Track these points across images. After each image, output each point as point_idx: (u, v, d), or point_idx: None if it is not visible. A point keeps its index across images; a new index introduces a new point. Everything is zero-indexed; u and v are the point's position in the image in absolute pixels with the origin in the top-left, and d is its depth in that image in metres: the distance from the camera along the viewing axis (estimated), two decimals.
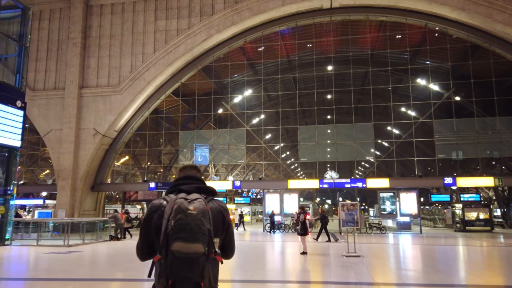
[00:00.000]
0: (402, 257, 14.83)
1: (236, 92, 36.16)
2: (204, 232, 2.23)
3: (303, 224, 14.40)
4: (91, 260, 13.79)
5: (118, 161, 38.95)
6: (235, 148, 33.58)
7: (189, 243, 2.18)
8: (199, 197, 2.36)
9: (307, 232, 14.46)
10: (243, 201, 41.56)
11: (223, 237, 2.46)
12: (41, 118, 30.13)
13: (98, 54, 30.28)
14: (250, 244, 19.41)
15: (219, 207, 2.47)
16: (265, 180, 30.50)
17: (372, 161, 33.46)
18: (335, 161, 29.02)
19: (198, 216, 2.24)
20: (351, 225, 13.98)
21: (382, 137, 30.69)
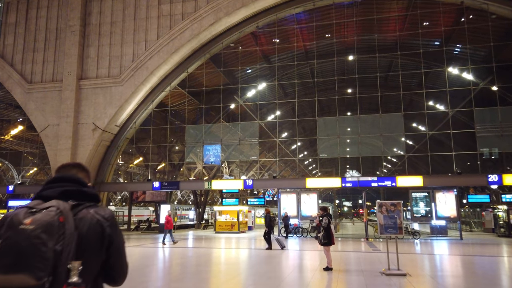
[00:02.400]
0: (463, 275, 10.81)
1: (248, 85, 32.58)
2: (44, 255, 1.48)
3: (326, 231, 10.63)
4: None
5: (128, 161, 35.82)
6: (247, 144, 29.95)
7: (8, 273, 1.45)
8: (52, 205, 1.59)
9: (332, 241, 10.67)
10: (256, 203, 37.78)
11: (102, 258, 1.70)
12: (38, 112, 27.16)
13: (98, 43, 27.16)
14: (259, 253, 15.69)
15: (97, 217, 1.68)
16: (280, 179, 26.72)
17: (400, 157, 29.34)
18: (359, 156, 25.00)
19: (35, 233, 1.50)
20: (393, 232, 10.12)
21: (412, 129, 26.48)
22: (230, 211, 28.79)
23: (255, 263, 12.75)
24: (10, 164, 47.50)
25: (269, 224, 16.13)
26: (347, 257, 13.80)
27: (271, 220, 16.54)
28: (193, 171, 41.18)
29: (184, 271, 11.39)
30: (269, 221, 16.25)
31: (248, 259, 14.05)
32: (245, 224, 29.62)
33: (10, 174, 49.30)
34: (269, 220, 16.29)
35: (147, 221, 39.39)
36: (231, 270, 11.59)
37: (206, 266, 12.10)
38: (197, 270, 11.07)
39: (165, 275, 10.90)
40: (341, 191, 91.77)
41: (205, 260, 13.55)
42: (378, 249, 16.28)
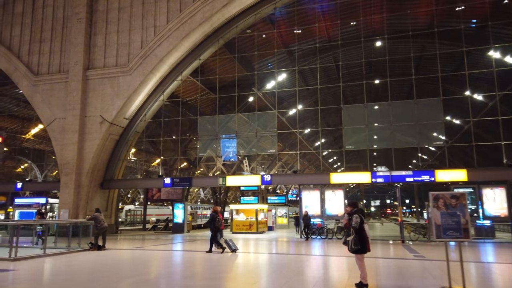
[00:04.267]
0: None
1: (266, 71, 29.70)
2: None
3: (358, 233, 7.63)
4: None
5: (142, 158, 33.63)
6: (266, 140, 27.14)
7: None
8: None
9: (367, 247, 7.67)
10: (277, 201, 34.75)
11: None
12: (45, 105, 25.20)
13: (105, 31, 24.96)
14: (275, 259, 12.76)
15: None
16: (301, 174, 23.65)
17: (437, 149, 25.76)
18: (392, 148, 21.61)
19: None
20: (455, 235, 7.02)
21: (452, 115, 22.83)
22: (248, 210, 25.96)
23: (269, 272, 9.88)
24: (33, 163, 46.45)
25: (214, 225, 13.78)
26: (384, 266, 10.69)
27: (213, 220, 13.93)
28: (212, 169, 38.71)
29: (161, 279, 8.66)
30: (212, 221, 13.94)
31: (263, 267, 11.17)
32: (264, 224, 26.72)
33: (33, 173, 48.38)
34: (212, 220, 13.95)
35: (165, 220, 37.07)
36: (237, 284, 8.75)
37: (192, 280, 9.32)
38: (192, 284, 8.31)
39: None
40: (366, 190, 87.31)
41: (199, 271, 10.76)
42: (421, 255, 13.06)
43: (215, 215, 14.03)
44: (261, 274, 9.92)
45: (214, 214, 14.10)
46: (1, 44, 26.32)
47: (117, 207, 27.77)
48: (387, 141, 23.02)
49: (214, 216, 14.01)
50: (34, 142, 41.87)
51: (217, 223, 13.78)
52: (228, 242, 13.71)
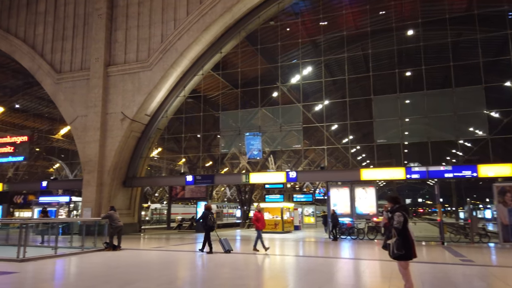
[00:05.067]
0: None
1: (290, 69, 28.24)
2: None
3: (401, 235, 6.18)
4: None
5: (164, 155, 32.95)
6: (292, 136, 25.67)
7: None
8: None
9: (412, 252, 6.21)
10: (304, 199, 33.20)
11: None
12: (67, 103, 24.79)
13: (125, 26, 24.26)
14: (302, 263, 11.38)
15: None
16: (329, 170, 22.05)
17: (476, 142, 23.55)
18: (428, 141, 19.69)
19: None
20: None
21: (491, 106, 20.59)
22: (273, 209, 24.62)
23: (296, 279, 8.55)
24: (62, 162, 46.88)
25: (205, 223, 12.93)
26: (429, 273, 9.11)
27: (206, 218, 12.97)
28: (237, 168, 37.61)
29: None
30: (204, 220, 13.02)
31: (288, 271, 9.84)
32: (290, 223, 25.31)
33: (64, 173, 48.93)
34: (204, 218, 13.01)
35: (191, 219, 36.28)
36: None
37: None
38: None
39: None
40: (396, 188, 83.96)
41: (214, 275, 9.53)
42: (469, 260, 11.35)
43: (207, 213, 13.07)
44: (286, 281, 8.59)
45: (207, 212, 13.13)
46: (25, 43, 26.15)
47: (140, 205, 27.10)
48: (421, 135, 21.13)
49: (206, 214, 13.03)
50: (64, 142, 42.14)
51: (209, 221, 12.87)
52: (222, 242, 12.85)
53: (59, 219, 19.00)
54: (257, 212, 14.03)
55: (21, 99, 36.77)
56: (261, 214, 13.99)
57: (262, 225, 13.71)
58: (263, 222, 13.83)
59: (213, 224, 13.04)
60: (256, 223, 13.66)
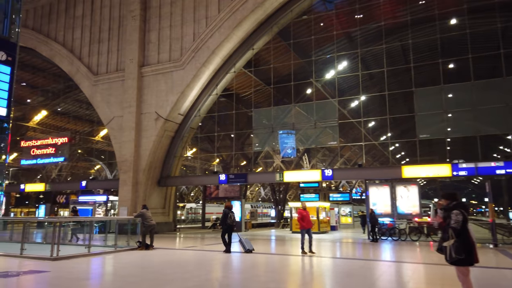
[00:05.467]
0: None
1: (324, 65, 27.20)
2: None
3: (460, 236, 5.28)
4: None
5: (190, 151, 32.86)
6: (323, 129, 24.51)
7: None
8: None
9: (474, 256, 5.30)
10: (340, 199, 31.99)
11: None
12: (104, 104, 25.16)
13: (158, 26, 24.28)
14: (340, 265, 10.54)
15: None
16: (367, 168, 20.84)
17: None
18: (476, 136, 18.16)
19: None
20: None
21: None
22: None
23: (333, 285, 7.79)
24: (102, 163, 48.11)
25: (224, 222, 12.59)
26: (488, 278, 8.04)
27: (225, 217, 12.55)
28: (271, 167, 36.97)
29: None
30: (224, 218, 12.60)
31: (325, 276, 9.09)
32: (326, 223, 24.34)
33: (104, 173, 50.28)
34: (224, 217, 12.58)
35: None
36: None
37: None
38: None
39: None
40: (435, 187, 79.99)
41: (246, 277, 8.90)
42: None
43: (228, 211, 12.59)
44: (324, 285, 7.85)
45: (227, 211, 12.65)
46: (64, 47, 26.83)
47: (175, 204, 27.06)
48: (466, 129, 19.54)
49: (227, 213, 12.56)
50: (103, 144, 43.23)
51: (228, 219, 12.45)
52: (242, 242, 12.41)
53: (88, 217, 19.13)
54: (301, 210, 12.71)
55: (63, 103, 38.06)
56: (306, 212, 12.53)
57: (308, 224, 12.34)
58: (309, 221, 12.41)
59: (232, 223, 12.63)
60: (301, 222, 12.31)
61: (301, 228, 12.32)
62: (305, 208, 12.88)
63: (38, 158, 28.09)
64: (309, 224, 12.40)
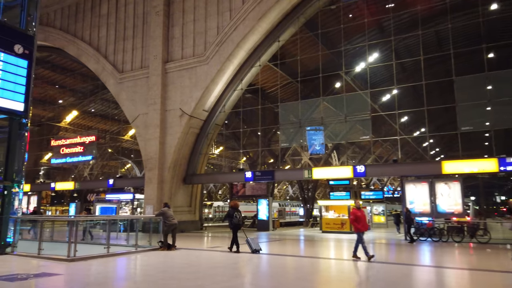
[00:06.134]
0: None
1: (353, 57, 25.65)
2: None
3: None
4: None
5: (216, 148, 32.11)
6: (353, 125, 23.04)
7: None
8: None
9: None
10: (373, 197, 30.38)
11: None
12: (129, 102, 24.80)
13: (182, 21, 23.63)
14: (377, 271, 9.31)
15: None
16: (403, 163, 19.27)
17: None
18: None
19: None
20: None
21: None
22: (339, 207, 22.46)
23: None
24: (132, 162, 48.35)
25: (230, 221, 12.14)
26: None
27: (230, 216, 12.11)
28: (298, 164, 35.74)
29: None
30: (229, 218, 12.20)
31: (360, 285, 7.93)
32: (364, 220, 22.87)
33: (134, 172, 50.59)
34: (228, 216, 12.24)
35: (253, 217, 35.16)
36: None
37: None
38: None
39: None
40: (473, 185, 75.87)
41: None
42: None
43: (232, 211, 12.11)
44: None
45: (231, 210, 12.18)
46: (91, 46, 26.70)
47: (201, 203, 26.38)
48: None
49: (231, 212, 12.08)
50: (132, 143, 43.37)
51: (234, 219, 11.95)
52: (249, 242, 11.88)
53: (102, 216, 18.71)
54: (355, 209, 10.97)
55: (93, 103, 38.37)
56: (361, 212, 10.79)
57: (364, 226, 10.62)
58: (364, 223, 10.68)
59: (239, 222, 12.11)
60: (355, 223, 10.68)
61: (356, 230, 10.65)
62: (360, 207, 11.01)
63: (67, 157, 28.17)
64: (365, 226, 10.71)
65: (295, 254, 12.45)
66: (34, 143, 38.01)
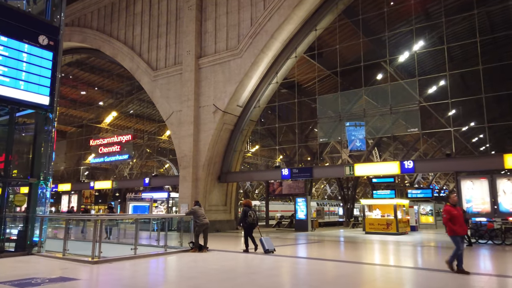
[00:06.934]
0: None
1: (397, 46, 23.59)
2: None
3: None
4: None
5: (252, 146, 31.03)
6: (397, 117, 21.02)
7: None
8: None
9: None
10: (421, 195, 27.99)
11: None
12: (163, 100, 24.24)
13: (215, 14, 22.73)
14: (434, 283, 7.64)
15: None
16: (458, 158, 17.10)
17: None
18: None
19: None
20: None
21: None
22: (384, 206, 20.62)
23: None
24: (167, 160, 48.37)
25: (244, 220, 11.56)
26: None
27: (245, 215, 11.52)
28: (337, 162, 33.94)
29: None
30: (243, 217, 11.57)
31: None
32: (406, 223, 20.97)
33: (172, 172, 50.74)
34: (244, 215, 11.57)
35: (290, 217, 33.79)
36: None
37: None
38: None
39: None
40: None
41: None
42: None
43: (247, 210, 11.57)
44: None
45: (246, 209, 11.62)
46: (126, 45, 26.48)
47: (237, 201, 25.37)
48: None
49: (246, 211, 11.53)
50: (170, 142, 43.32)
51: (249, 218, 11.43)
52: (262, 241, 11.30)
53: (125, 215, 18.06)
54: (450, 207, 8.16)
55: (131, 103, 38.58)
56: (457, 210, 8.16)
57: (462, 228, 8.02)
58: (462, 223, 8.01)
59: (253, 221, 11.51)
60: (449, 224, 7.98)
61: (451, 234, 8.01)
62: (456, 205, 8.30)
63: (105, 156, 28.16)
64: (464, 229, 8.12)
65: (343, 259, 10.99)
66: (76, 144, 38.77)
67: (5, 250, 10.50)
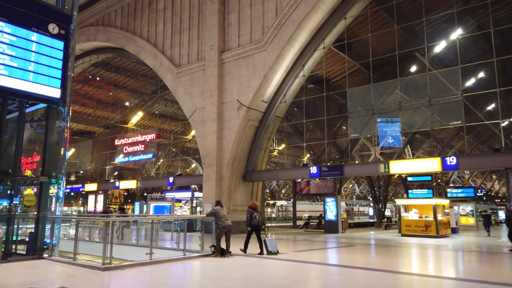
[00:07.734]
0: None
1: (431, 37, 21.63)
2: None
3: None
4: None
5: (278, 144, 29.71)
6: (433, 111, 19.13)
7: None
8: None
9: None
10: (462, 195, 25.74)
11: None
12: (186, 97, 23.38)
13: (238, 7, 21.62)
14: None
15: None
16: (508, 152, 15.09)
17: None
18: None
19: None
20: None
21: None
22: (422, 206, 18.83)
23: None
24: (192, 159, 47.77)
25: (249, 222, 11.01)
26: None
27: (250, 217, 10.99)
28: (367, 160, 32.10)
29: None
30: (250, 218, 10.98)
31: None
32: (446, 224, 19.09)
33: (198, 171, 50.18)
34: (250, 217, 11.02)
35: (318, 217, 32.20)
36: None
37: None
38: None
39: None
40: None
41: None
42: None
43: (253, 211, 11.02)
44: None
45: (252, 210, 11.06)
46: (149, 42, 25.84)
47: (263, 201, 24.12)
48: None
49: (251, 213, 11.01)
50: (195, 142, 42.69)
51: (254, 220, 10.91)
52: (266, 242, 10.92)
53: (137, 215, 17.10)
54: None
55: (156, 103, 38.17)
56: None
57: None
58: None
59: (259, 223, 10.97)
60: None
61: None
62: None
63: (130, 155, 27.65)
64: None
65: (378, 268, 9.53)
66: (104, 144, 38.71)
67: (15, 253, 9.75)
